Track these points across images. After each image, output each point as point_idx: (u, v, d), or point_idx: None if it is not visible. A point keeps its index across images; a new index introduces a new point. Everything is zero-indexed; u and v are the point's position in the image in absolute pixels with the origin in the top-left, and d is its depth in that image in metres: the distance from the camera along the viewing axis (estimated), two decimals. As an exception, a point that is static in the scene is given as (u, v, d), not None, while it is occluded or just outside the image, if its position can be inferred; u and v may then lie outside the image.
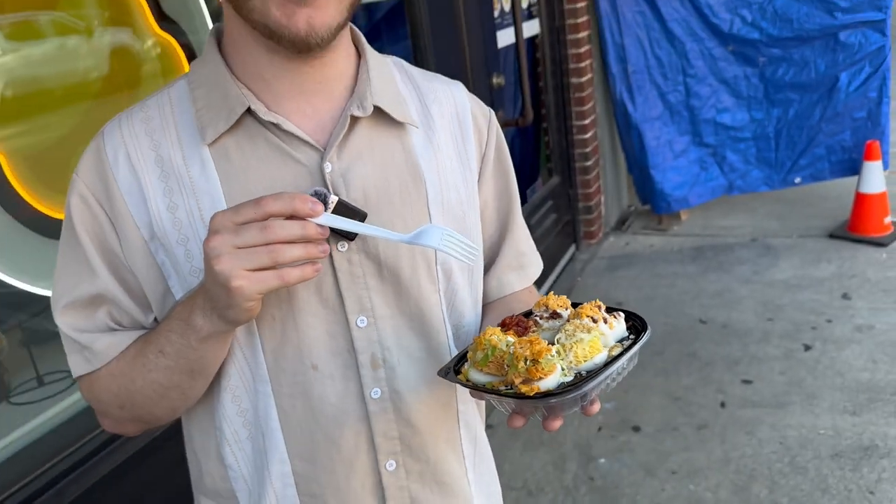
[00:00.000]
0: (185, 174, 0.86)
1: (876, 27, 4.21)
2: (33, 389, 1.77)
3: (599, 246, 4.73)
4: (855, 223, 4.29)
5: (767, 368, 3.16)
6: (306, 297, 0.88)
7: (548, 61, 4.29)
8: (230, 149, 0.86)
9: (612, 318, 0.85)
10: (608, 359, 0.81)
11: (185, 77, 0.91)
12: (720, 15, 4.44)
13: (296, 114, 0.87)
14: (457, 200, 0.96)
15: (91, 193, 0.87)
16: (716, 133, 4.66)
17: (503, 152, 1.05)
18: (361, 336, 0.91)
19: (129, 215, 0.87)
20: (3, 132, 1.63)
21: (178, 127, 0.88)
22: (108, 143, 0.88)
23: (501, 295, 1.07)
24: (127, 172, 0.87)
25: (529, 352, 0.76)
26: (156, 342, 0.87)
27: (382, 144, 0.91)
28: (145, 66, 1.97)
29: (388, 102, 0.91)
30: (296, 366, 0.90)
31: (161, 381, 0.88)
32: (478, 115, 1.02)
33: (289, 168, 0.86)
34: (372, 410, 0.93)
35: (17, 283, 1.66)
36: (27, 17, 1.70)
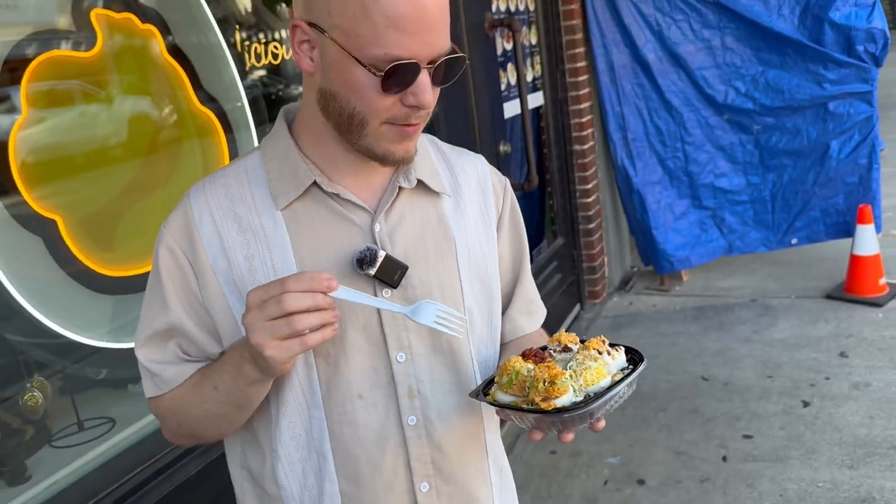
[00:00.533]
0: (261, 231, 1.03)
1: (863, 98, 4.42)
2: (74, 434, 1.89)
3: (603, 305, 4.87)
4: (851, 284, 4.43)
5: (767, 424, 3.26)
6: (355, 336, 1.03)
7: (552, 130, 4.51)
8: (298, 212, 1.03)
9: (615, 350, 1.03)
10: (612, 383, 0.97)
11: (258, 151, 1.09)
12: (715, 86, 4.67)
13: (353, 185, 1.05)
14: (480, 255, 1.13)
15: (178, 246, 1.04)
16: (714, 196, 4.83)
17: (516, 214, 1.24)
18: (400, 370, 1.06)
19: (209, 265, 1.03)
20: (62, 195, 1.80)
21: (253, 193, 1.05)
22: (195, 204, 1.05)
23: (514, 336, 1.24)
24: (210, 228, 1.03)
25: (548, 374, 0.93)
26: (211, 378, 1.03)
27: (421, 210, 1.09)
28: (185, 136, 2.16)
29: (427, 175, 1.09)
30: (345, 395, 1.05)
31: (213, 410, 1.04)
32: (496, 183, 1.20)
33: (346, 228, 1.03)
34: (408, 436, 1.07)
35: (65, 332, 1.80)
36: (84, 88, 1.89)
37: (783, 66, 4.51)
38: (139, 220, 1.99)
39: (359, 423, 1.05)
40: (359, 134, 0.98)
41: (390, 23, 0.88)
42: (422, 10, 0.89)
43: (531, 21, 4.31)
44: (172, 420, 1.10)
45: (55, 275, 1.79)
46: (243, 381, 0.98)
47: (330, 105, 0.98)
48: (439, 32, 0.92)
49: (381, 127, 0.96)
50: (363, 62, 0.91)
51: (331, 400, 1.05)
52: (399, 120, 0.96)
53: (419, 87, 0.92)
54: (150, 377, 1.08)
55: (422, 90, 0.93)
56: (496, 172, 1.23)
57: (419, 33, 0.89)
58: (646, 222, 4.81)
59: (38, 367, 1.80)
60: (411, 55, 0.90)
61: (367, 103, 0.94)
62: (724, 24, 4.55)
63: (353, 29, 0.90)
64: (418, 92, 0.93)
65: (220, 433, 1.10)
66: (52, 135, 1.82)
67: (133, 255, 1.97)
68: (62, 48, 1.82)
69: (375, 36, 0.89)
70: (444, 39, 0.93)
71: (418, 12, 0.88)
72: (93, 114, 1.91)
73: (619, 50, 4.66)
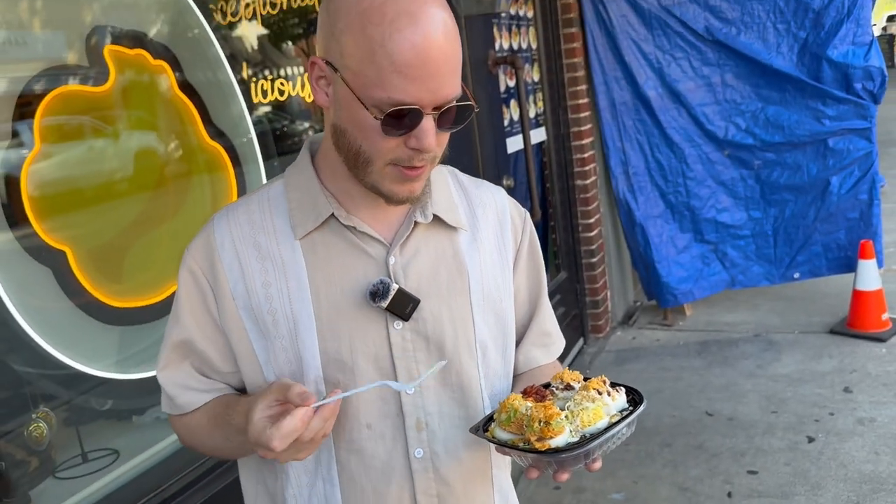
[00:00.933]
0: (280, 259, 1.05)
1: (862, 134, 4.46)
2: (78, 465, 1.89)
3: (607, 340, 4.86)
4: (854, 319, 4.42)
5: (773, 460, 3.24)
6: (365, 366, 1.05)
7: (554, 165, 4.56)
8: (316, 242, 1.06)
9: (615, 391, 1.03)
10: (609, 424, 0.97)
11: (282, 179, 1.12)
12: (715, 123, 4.72)
13: (369, 217, 1.07)
14: (495, 289, 1.14)
15: (199, 268, 1.07)
16: (716, 231, 4.86)
17: (535, 247, 1.25)
18: (409, 402, 1.07)
19: (228, 289, 1.06)
20: (72, 227, 1.82)
21: (274, 221, 1.07)
22: (217, 230, 1.08)
23: (528, 368, 1.24)
24: (230, 254, 1.06)
25: (543, 415, 0.94)
26: (224, 429, 1.06)
27: (436, 243, 1.11)
28: (194, 170, 2.19)
29: (443, 210, 1.11)
30: (353, 424, 1.06)
31: (222, 449, 1.12)
32: (515, 216, 1.22)
33: (361, 260, 1.05)
34: (415, 468, 1.07)
35: (72, 363, 1.81)
36: (95, 122, 1.92)
37: (783, 103, 4.56)
38: (147, 253, 2.01)
39: (366, 453, 1.06)
40: (365, 171, 1.00)
41: (394, 68, 0.90)
42: (425, 57, 0.90)
43: (534, 59, 4.38)
44: (183, 437, 1.16)
45: (63, 305, 1.80)
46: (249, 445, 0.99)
47: (340, 141, 1.01)
48: (445, 79, 0.93)
49: (385, 167, 0.98)
50: (366, 103, 0.93)
51: (340, 428, 1.06)
52: (403, 161, 0.97)
53: (421, 132, 0.94)
54: (167, 398, 1.13)
55: (424, 134, 0.94)
56: (516, 205, 1.24)
57: (422, 80, 0.91)
58: (648, 255, 4.83)
59: (43, 398, 1.81)
60: (414, 100, 0.92)
61: (371, 143, 0.97)
62: (723, 61, 4.62)
63: (361, 70, 0.92)
64: (420, 136, 0.94)
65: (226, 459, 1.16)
66: (64, 168, 1.85)
67: (141, 287, 1.99)
68: (75, 83, 1.86)
69: (380, 79, 0.91)
70: (451, 86, 0.95)
71: (421, 59, 0.90)
72: (104, 147, 1.94)
73: (621, 87, 4.73)
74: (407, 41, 0.90)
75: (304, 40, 2.84)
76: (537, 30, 4.40)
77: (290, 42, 2.76)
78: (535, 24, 4.38)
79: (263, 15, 2.51)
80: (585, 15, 4.57)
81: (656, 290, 4.90)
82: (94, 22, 1.93)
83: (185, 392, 1.10)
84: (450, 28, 0.94)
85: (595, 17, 4.59)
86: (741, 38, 4.53)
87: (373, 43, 0.90)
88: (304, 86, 2.67)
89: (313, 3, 2.69)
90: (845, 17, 4.29)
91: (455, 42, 0.95)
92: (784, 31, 4.46)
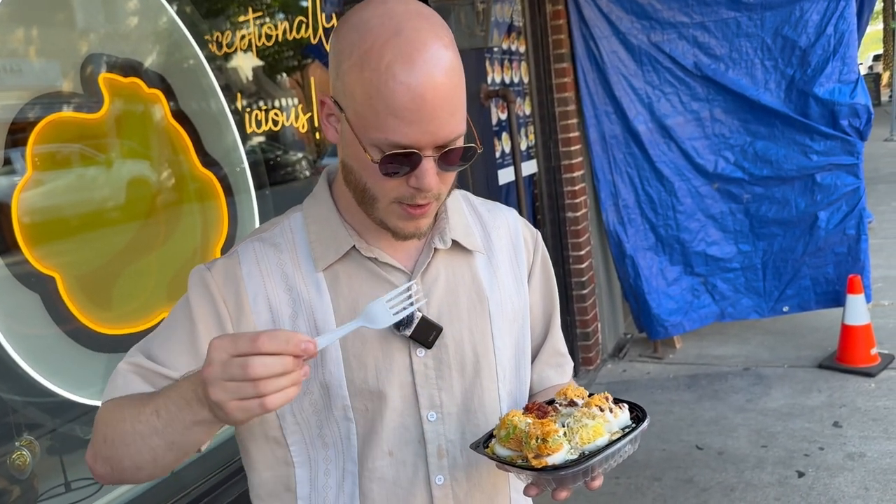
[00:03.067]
0: (305, 291, 1.05)
1: (849, 170, 4.51)
2: (61, 494, 1.86)
3: (597, 372, 4.85)
4: (843, 354, 4.44)
5: (762, 495, 3.22)
6: (391, 393, 1.05)
7: (545, 197, 4.59)
8: (339, 274, 1.06)
9: (618, 408, 1.02)
10: (609, 442, 0.97)
11: (300, 211, 1.12)
12: (705, 156, 4.77)
13: (389, 247, 1.08)
14: (511, 310, 1.16)
15: (220, 295, 1.04)
16: (706, 264, 4.88)
17: (547, 266, 1.27)
18: (431, 429, 1.07)
19: (251, 318, 1.04)
20: (62, 254, 1.82)
21: (297, 252, 1.07)
22: (244, 258, 1.07)
23: (542, 388, 1.24)
24: (257, 284, 1.05)
25: (540, 432, 0.93)
26: (155, 402, 0.93)
27: (454, 268, 1.11)
28: (186, 198, 2.20)
29: (461, 235, 1.12)
30: (376, 452, 1.05)
31: (143, 434, 0.93)
32: (527, 237, 1.23)
33: (384, 289, 1.05)
34: (435, 495, 1.07)
35: (58, 390, 1.80)
36: (88, 149, 1.93)
37: (771, 137, 4.62)
38: (137, 280, 2.01)
39: (387, 480, 1.06)
40: (371, 207, 1.01)
41: (390, 111, 0.91)
42: (420, 101, 0.91)
43: (525, 92, 4.44)
44: (101, 432, 0.99)
45: (51, 332, 1.79)
46: (190, 416, 0.89)
47: (349, 177, 1.02)
48: (443, 121, 0.93)
49: (390, 205, 1.00)
50: (365, 144, 0.95)
51: (364, 455, 1.05)
52: (406, 200, 0.98)
53: (421, 173, 0.95)
54: (115, 378, 1.03)
55: (424, 175, 0.95)
56: (528, 225, 1.26)
57: (419, 123, 0.91)
58: (639, 287, 4.85)
59: (28, 426, 1.78)
60: (411, 142, 0.92)
61: (374, 182, 0.98)
62: (712, 96, 4.69)
63: (361, 112, 0.94)
64: (420, 177, 0.95)
65: (136, 468, 0.96)
66: (55, 194, 1.85)
67: (130, 314, 1.98)
68: (68, 111, 1.87)
69: (378, 122, 0.92)
70: (452, 126, 0.94)
71: (416, 104, 0.90)
72: (96, 175, 1.95)
73: (611, 121, 4.78)
74: (402, 85, 0.90)
75: (299, 72, 2.87)
76: (529, 64, 4.46)
77: (285, 73, 2.79)
78: (527, 59, 4.44)
79: (259, 46, 2.54)
80: (576, 50, 4.64)
81: (647, 322, 4.91)
82: (90, 50, 1.95)
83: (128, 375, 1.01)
84: (451, 67, 0.94)
85: (586, 53, 4.66)
86: (729, 73, 4.60)
87: (370, 87, 0.91)
88: (298, 116, 2.70)
89: (308, 36, 2.73)
90: (831, 56, 4.37)
91: (456, 81, 0.95)
92: (771, 67, 4.53)
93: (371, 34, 0.92)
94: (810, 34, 4.39)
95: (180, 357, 1.02)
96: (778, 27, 4.45)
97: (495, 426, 1.03)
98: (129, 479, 1.00)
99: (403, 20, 0.93)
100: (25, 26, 1.82)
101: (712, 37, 4.58)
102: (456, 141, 0.97)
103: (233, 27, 2.46)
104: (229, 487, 2.04)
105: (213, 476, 2.08)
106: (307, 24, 2.71)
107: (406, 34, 0.92)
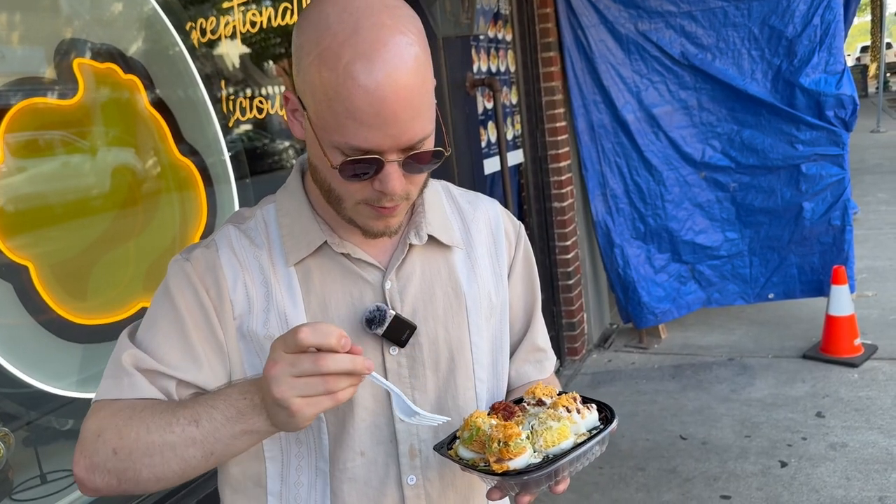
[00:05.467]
0: (276, 286, 1.02)
1: (835, 161, 4.52)
2: (36, 486, 1.84)
3: (583, 362, 4.86)
4: (826, 344, 4.46)
5: (745, 485, 3.23)
6: (362, 392, 1.02)
7: (531, 187, 4.58)
8: (311, 268, 1.03)
9: (587, 408, 0.99)
10: (574, 445, 0.94)
11: (273, 203, 1.08)
12: (692, 145, 4.77)
13: (362, 242, 1.04)
14: (489, 307, 1.13)
15: (201, 282, 1.00)
16: (693, 252, 4.89)
17: (530, 261, 1.23)
18: (403, 428, 1.05)
19: (229, 306, 1.00)
20: (35, 243, 1.79)
21: (270, 245, 1.04)
22: (222, 246, 1.03)
23: (520, 383, 1.21)
24: (236, 270, 1.01)
25: (502, 435, 0.91)
26: (193, 410, 0.90)
27: (431, 264, 1.08)
28: (164, 187, 2.17)
29: (438, 230, 1.09)
30: (348, 453, 1.03)
31: (175, 444, 0.89)
32: (509, 229, 1.20)
33: (357, 286, 1.03)
34: (407, 495, 1.05)
35: (32, 381, 1.77)
36: (63, 136, 1.90)
37: (758, 127, 4.62)
38: (113, 270, 1.98)
39: (359, 480, 1.04)
40: (339, 206, 0.98)
41: (349, 115, 0.86)
42: (379, 105, 0.85)
43: (512, 81, 4.41)
44: (111, 441, 0.91)
45: (24, 322, 1.77)
46: (241, 426, 0.88)
47: (315, 175, 1.00)
48: (406, 124, 0.88)
49: (357, 205, 0.96)
50: (325, 147, 0.91)
51: (336, 456, 1.03)
52: (373, 202, 0.94)
53: (385, 177, 0.90)
54: (119, 376, 0.96)
55: (387, 179, 0.91)
56: (510, 217, 1.22)
57: (380, 126, 0.87)
58: (628, 276, 4.85)
59: (1, 418, 1.76)
60: (373, 146, 0.88)
61: (337, 184, 0.95)
62: (699, 85, 4.68)
63: (320, 113, 0.89)
64: (384, 180, 0.91)
65: (155, 480, 0.92)
66: (28, 182, 1.82)
67: (106, 304, 1.95)
68: (42, 97, 1.84)
69: (337, 125, 0.88)
70: (416, 128, 0.89)
71: (376, 107, 0.85)
72: (70, 163, 1.92)
73: (599, 110, 4.77)
74: (360, 88, 0.85)
75: (285, 60, 2.83)
76: (516, 53, 4.43)
77: (270, 61, 2.76)
78: (513, 48, 4.42)
79: (243, 33, 2.50)
80: (564, 39, 4.62)
81: (636, 311, 4.91)
82: (66, 36, 1.91)
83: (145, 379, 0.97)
84: (415, 66, 0.88)
85: (574, 42, 4.63)
86: (716, 63, 4.59)
87: (328, 88, 0.86)
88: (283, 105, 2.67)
89: (293, 22, 2.69)
90: (817, 46, 4.37)
91: (422, 79, 0.89)
92: (758, 57, 4.53)
93: (329, 31, 0.86)
94: (797, 24, 4.39)
95: (174, 353, 0.98)
96: (765, 17, 4.44)
97: (459, 427, 1.01)
98: (139, 491, 0.94)
99: (363, 15, 0.86)
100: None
101: (699, 26, 4.57)
102: (423, 142, 0.91)
103: (217, 14, 2.42)
104: (208, 479, 2.02)
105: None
106: (292, 11, 2.68)
107: (365, 32, 0.86)
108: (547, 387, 1.05)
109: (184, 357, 0.98)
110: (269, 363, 0.84)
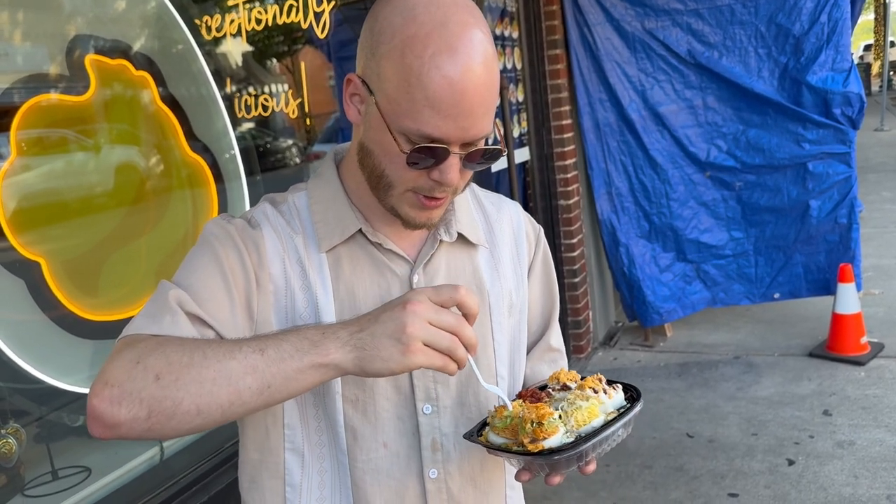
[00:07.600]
0: (309, 270, 1.02)
1: (841, 159, 4.51)
2: (48, 482, 1.84)
3: (588, 360, 4.85)
4: (833, 343, 4.45)
5: (753, 482, 3.23)
6: (384, 384, 1.03)
7: (537, 185, 4.57)
8: (342, 256, 1.04)
9: (612, 389, 1.00)
10: (604, 423, 0.94)
11: (305, 190, 1.08)
12: (698, 144, 4.76)
13: (394, 234, 1.06)
14: (509, 305, 1.15)
15: (243, 243, 1.00)
16: (698, 251, 4.88)
17: (548, 264, 1.26)
18: (426, 421, 1.05)
19: (269, 276, 1.00)
20: (48, 239, 1.79)
21: (304, 230, 1.05)
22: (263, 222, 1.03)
23: (534, 382, 1.21)
24: (276, 246, 1.02)
25: (535, 415, 0.91)
26: (259, 340, 0.87)
27: (457, 261, 1.10)
28: (175, 184, 2.17)
29: (467, 228, 1.11)
30: (370, 443, 1.04)
31: (233, 372, 0.84)
32: (530, 231, 1.23)
33: (385, 277, 1.04)
34: (428, 489, 1.06)
35: (44, 377, 1.77)
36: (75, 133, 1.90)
37: (763, 126, 4.61)
38: (125, 266, 1.98)
39: (381, 472, 1.04)
40: (385, 193, 0.99)
41: (428, 102, 0.89)
42: (461, 95, 0.89)
43: (518, 79, 4.41)
44: (154, 366, 0.84)
45: (36, 318, 1.77)
46: (313, 356, 0.85)
47: (366, 160, 1.00)
48: (478, 119, 0.92)
49: (406, 192, 0.98)
50: (394, 131, 0.92)
51: (356, 446, 1.04)
52: (424, 191, 0.97)
53: (446, 167, 0.93)
54: (160, 313, 0.92)
55: (448, 170, 0.94)
56: (531, 220, 1.25)
57: (455, 117, 0.90)
58: (633, 275, 4.85)
59: (13, 413, 1.76)
60: (442, 135, 0.91)
61: (395, 169, 0.96)
62: (705, 84, 4.67)
63: (395, 98, 0.91)
64: (444, 171, 0.94)
65: (194, 411, 0.84)
66: (40, 179, 1.82)
67: (117, 300, 1.95)
68: (54, 93, 1.84)
69: (412, 111, 0.90)
70: (482, 125, 0.93)
71: (456, 98, 0.89)
72: (82, 159, 1.92)
73: (605, 108, 4.76)
74: (444, 78, 0.88)
75: (290, 57, 2.83)
76: (522, 51, 4.43)
77: (276, 59, 2.76)
78: (520, 45, 4.41)
79: (249, 31, 2.50)
80: (570, 37, 4.61)
81: (641, 310, 4.91)
82: (77, 33, 1.91)
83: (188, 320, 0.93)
84: (492, 62, 0.92)
85: (580, 40, 4.63)
86: (723, 61, 4.58)
87: (410, 74, 0.89)
88: (289, 102, 2.67)
89: (298, 21, 2.69)
90: (825, 44, 4.36)
91: (493, 78, 0.93)
92: (765, 55, 4.52)
93: (416, 20, 0.90)
94: (804, 22, 4.38)
95: (222, 309, 0.95)
96: (772, 15, 4.43)
97: (489, 413, 1.01)
98: (168, 428, 0.85)
99: (450, 10, 0.90)
100: (10, 9, 1.78)
101: (706, 24, 4.56)
102: (483, 140, 0.95)
103: (223, 11, 2.42)
104: (219, 476, 2.02)
105: (202, 464, 2.06)
106: (297, 9, 2.68)
107: (452, 26, 0.89)
108: (570, 372, 1.05)
109: (228, 317, 0.96)
110: (412, 302, 0.85)
